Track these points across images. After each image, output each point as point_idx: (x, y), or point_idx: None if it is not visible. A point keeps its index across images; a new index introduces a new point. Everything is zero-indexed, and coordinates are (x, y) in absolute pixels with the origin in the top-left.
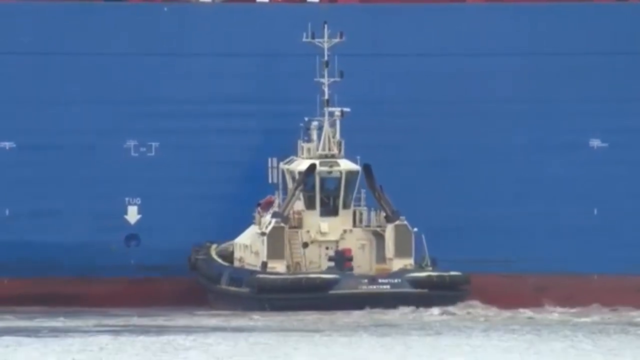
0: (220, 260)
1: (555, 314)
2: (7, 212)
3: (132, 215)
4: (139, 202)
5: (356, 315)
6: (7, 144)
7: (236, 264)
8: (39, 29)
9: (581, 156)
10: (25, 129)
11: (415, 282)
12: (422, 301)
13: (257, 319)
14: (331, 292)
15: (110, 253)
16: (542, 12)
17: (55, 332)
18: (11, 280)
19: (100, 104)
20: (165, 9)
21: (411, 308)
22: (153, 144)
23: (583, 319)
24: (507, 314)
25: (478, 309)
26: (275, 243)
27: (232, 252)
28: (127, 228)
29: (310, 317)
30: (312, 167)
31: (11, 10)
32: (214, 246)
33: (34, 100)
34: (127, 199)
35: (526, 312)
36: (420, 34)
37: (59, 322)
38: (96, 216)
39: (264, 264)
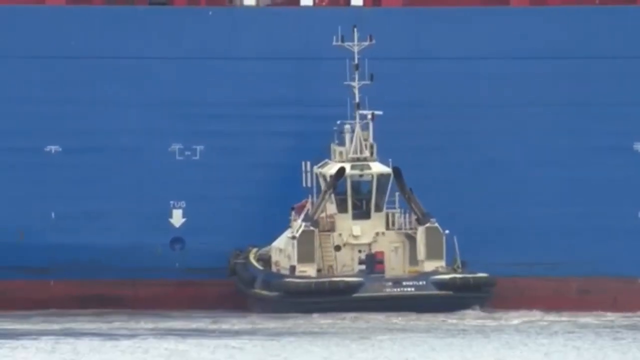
0: (256, 265)
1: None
2: (53, 215)
3: (177, 218)
4: (184, 205)
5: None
6: (53, 148)
7: (273, 268)
8: (85, 33)
9: (625, 159)
10: (70, 132)
11: (440, 285)
12: (447, 303)
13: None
14: (355, 295)
15: (155, 256)
16: (586, 14)
17: (96, 334)
18: (57, 282)
19: (145, 107)
20: (210, 12)
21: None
22: (198, 147)
23: None
24: (552, 317)
25: (522, 313)
26: (305, 247)
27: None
28: (172, 231)
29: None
30: (341, 170)
31: (59, 13)
32: (254, 250)
33: (79, 103)
34: (172, 202)
35: (572, 315)
36: (457, 37)
37: (103, 324)
38: (141, 219)
39: (292, 268)
